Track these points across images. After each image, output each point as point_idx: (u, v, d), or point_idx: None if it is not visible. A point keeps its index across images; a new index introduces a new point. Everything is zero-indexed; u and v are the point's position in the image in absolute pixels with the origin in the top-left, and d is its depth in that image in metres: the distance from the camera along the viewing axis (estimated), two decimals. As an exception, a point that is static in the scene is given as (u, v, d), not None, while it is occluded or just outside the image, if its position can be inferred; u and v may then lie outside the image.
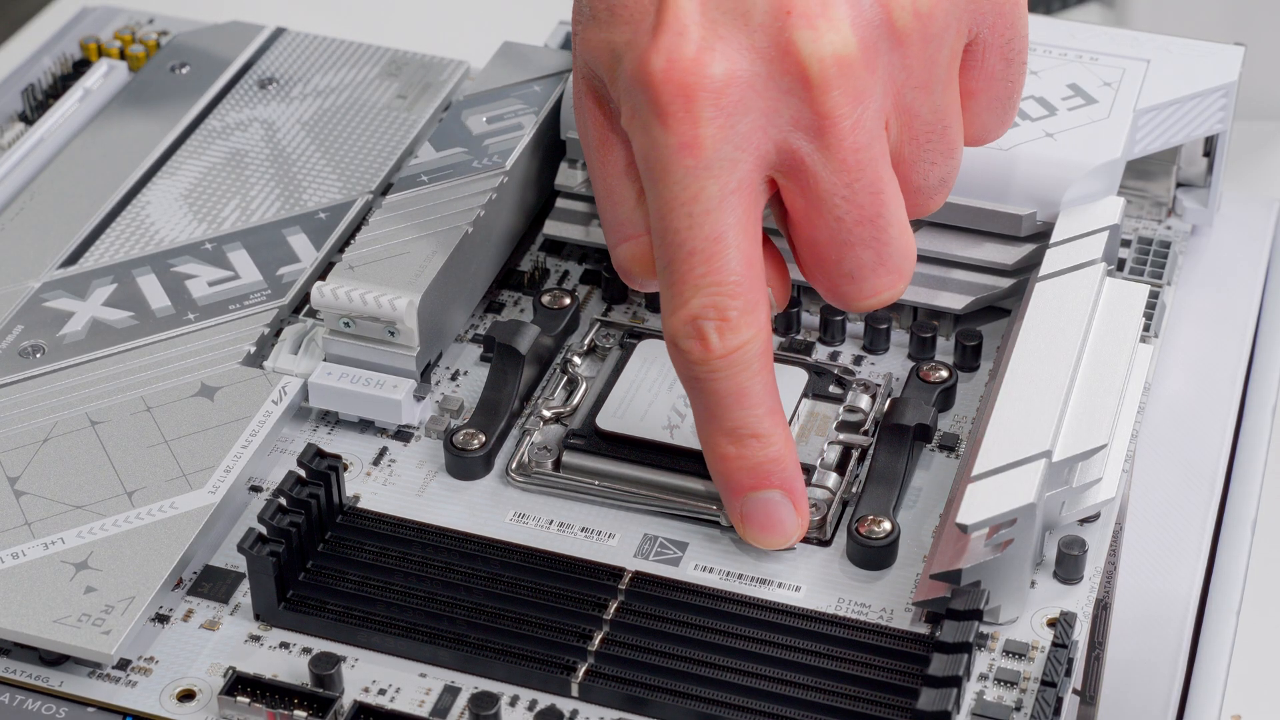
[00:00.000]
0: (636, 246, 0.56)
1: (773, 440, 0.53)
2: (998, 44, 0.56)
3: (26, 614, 0.51)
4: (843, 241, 0.53)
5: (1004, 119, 0.58)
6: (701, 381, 0.53)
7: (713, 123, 0.52)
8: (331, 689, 0.50)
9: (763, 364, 0.53)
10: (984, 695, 0.51)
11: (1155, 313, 0.62)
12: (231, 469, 0.55)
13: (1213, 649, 0.59)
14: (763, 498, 0.54)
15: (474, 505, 0.56)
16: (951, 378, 0.59)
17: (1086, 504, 0.54)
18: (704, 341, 0.52)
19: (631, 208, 0.56)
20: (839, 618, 0.52)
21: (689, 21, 0.52)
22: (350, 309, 0.58)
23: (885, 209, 0.53)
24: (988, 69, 0.56)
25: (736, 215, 0.52)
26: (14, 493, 0.55)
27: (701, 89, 0.52)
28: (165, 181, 0.66)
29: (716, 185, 0.52)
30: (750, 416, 0.53)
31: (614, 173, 0.56)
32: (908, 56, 0.53)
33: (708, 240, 0.52)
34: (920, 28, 0.53)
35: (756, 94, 0.52)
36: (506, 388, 0.58)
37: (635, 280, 0.56)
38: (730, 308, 0.52)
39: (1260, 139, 1.13)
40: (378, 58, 0.72)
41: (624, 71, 0.53)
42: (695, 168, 0.52)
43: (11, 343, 0.60)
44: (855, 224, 0.53)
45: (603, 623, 0.52)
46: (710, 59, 0.52)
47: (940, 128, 0.55)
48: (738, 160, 0.52)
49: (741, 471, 0.53)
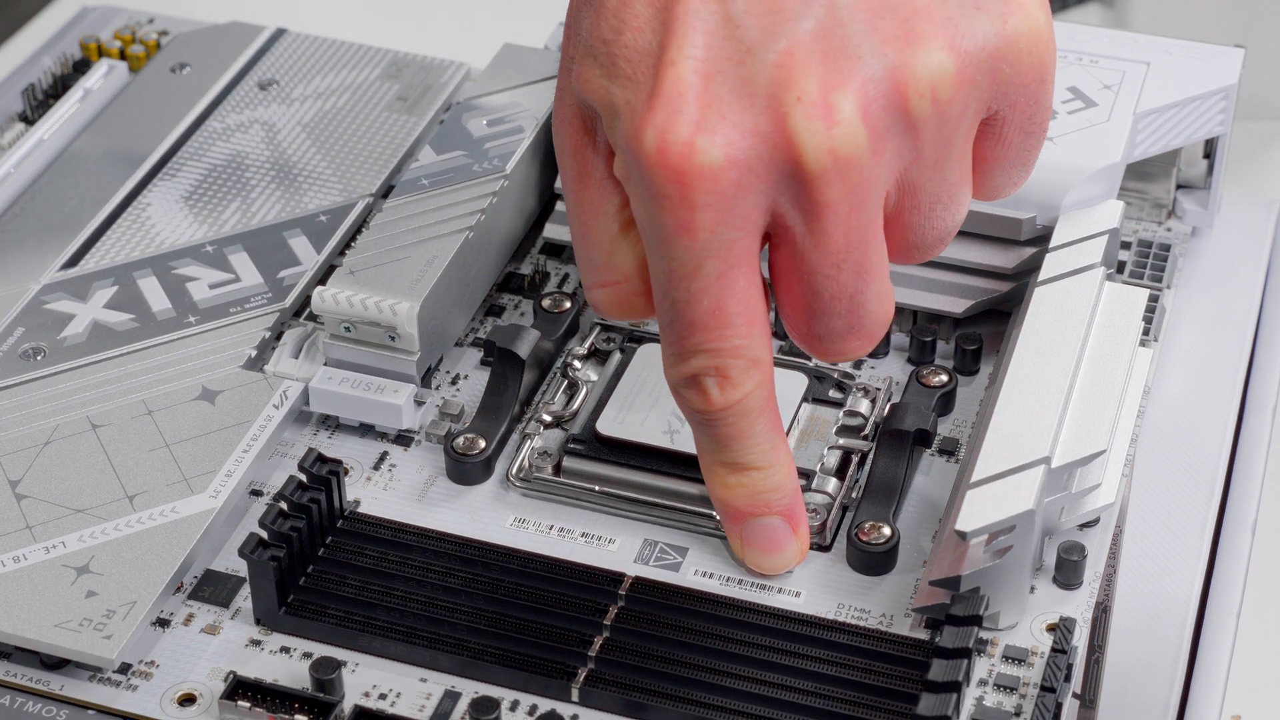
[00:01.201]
0: (614, 294, 0.54)
1: (774, 470, 0.53)
2: (1018, 120, 0.53)
3: (28, 618, 0.52)
4: (818, 311, 0.52)
5: (1017, 182, 0.55)
6: (703, 425, 0.53)
7: (709, 209, 0.49)
8: (332, 693, 0.50)
9: (764, 407, 0.52)
10: (983, 700, 0.51)
11: (1155, 316, 0.62)
12: (232, 473, 0.56)
13: (1213, 651, 0.59)
14: (763, 524, 0.54)
15: (474, 510, 0.56)
16: (951, 382, 0.59)
17: (1086, 509, 0.54)
18: (704, 395, 0.52)
19: (608, 253, 0.54)
20: (839, 623, 0.53)
21: (688, 95, 0.49)
22: (351, 314, 0.58)
23: (867, 288, 0.51)
24: (1005, 141, 0.53)
25: (738, 286, 0.51)
26: (15, 496, 0.55)
27: (698, 176, 0.49)
28: (166, 183, 0.66)
29: (715, 265, 0.50)
30: (751, 453, 0.53)
31: (591, 213, 0.54)
32: (920, 140, 0.51)
33: (707, 313, 0.51)
34: (937, 114, 0.50)
35: (755, 176, 0.50)
36: (507, 392, 0.58)
37: (611, 319, 0.56)
38: (731, 367, 0.51)
39: (1260, 140, 1.13)
40: (378, 59, 0.72)
41: (620, 133, 0.51)
42: (692, 248, 0.50)
43: (12, 345, 0.60)
44: (833, 299, 0.51)
45: (603, 628, 0.52)
46: (708, 143, 0.49)
47: (946, 199, 0.52)
48: (735, 241, 0.50)
49: (742, 500, 0.53)
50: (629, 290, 0.54)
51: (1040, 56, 0.52)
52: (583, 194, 0.53)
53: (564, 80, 0.54)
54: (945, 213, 0.53)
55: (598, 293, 0.54)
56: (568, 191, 0.54)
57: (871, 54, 0.50)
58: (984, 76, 0.51)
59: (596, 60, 0.51)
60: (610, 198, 0.53)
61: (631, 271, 0.54)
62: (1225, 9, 1.15)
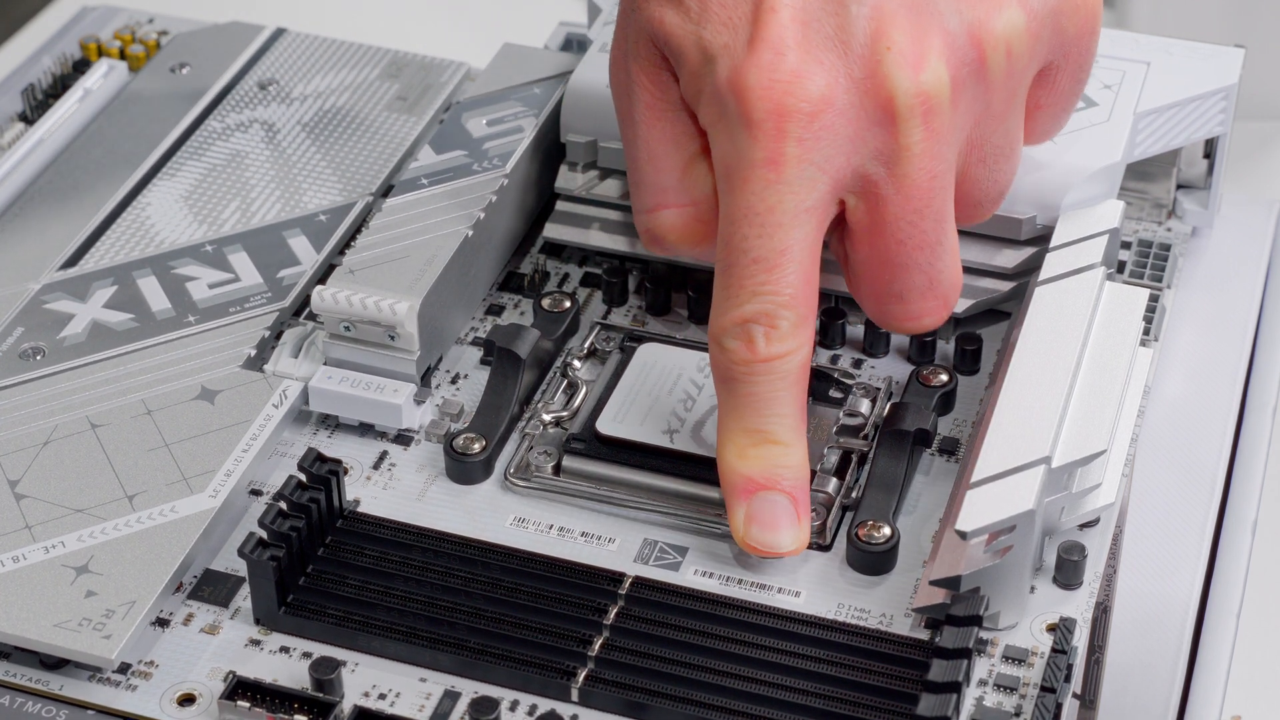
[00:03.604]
0: (677, 216, 0.57)
1: (792, 450, 0.54)
2: (1071, 69, 0.58)
3: (27, 618, 0.51)
4: (899, 264, 0.55)
5: (1060, 125, 0.60)
6: (737, 382, 0.54)
7: (800, 143, 0.53)
8: (332, 693, 0.50)
9: (799, 378, 0.54)
10: (983, 701, 0.51)
11: (1155, 316, 0.62)
12: (232, 473, 0.55)
13: (1213, 652, 0.59)
14: (770, 499, 0.54)
15: (474, 510, 0.56)
16: (951, 382, 0.59)
17: (1086, 509, 0.54)
18: (750, 344, 0.53)
19: (677, 177, 0.57)
20: (839, 623, 0.53)
21: (789, 41, 0.53)
22: (350, 313, 0.58)
23: (945, 237, 0.55)
24: (1058, 88, 0.58)
25: (805, 232, 0.53)
26: (14, 496, 0.55)
27: (796, 110, 0.53)
28: (165, 183, 0.66)
29: (793, 201, 0.53)
30: (774, 422, 0.54)
31: (662, 137, 0.57)
32: (991, 91, 0.55)
33: (774, 251, 0.53)
34: (1009, 67, 0.55)
35: (846, 121, 0.53)
36: (506, 392, 0.58)
37: (665, 247, 0.58)
38: (782, 317, 0.53)
39: (1260, 140, 1.13)
40: (378, 59, 0.72)
41: (716, 75, 0.54)
42: (775, 182, 0.53)
43: (11, 345, 0.60)
44: (915, 249, 0.55)
45: (603, 627, 0.52)
46: (808, 82, 0.53)
47: (1008, 150, 0.57)
48: (817, 181, 0.53)
49: (755, 471, 0.54)
50: (697, 214, 0.57)
51: (1093, 9, 0.57)
52: (656, 122, 0.57)
53: (624, 22, 0.58)
54: (1006, 164, 0.57)
55: (663, 215, 0.58)
56: (634, 121, 0.57)
57: (951, 11, 0.54)
58: (1048, 31, 0.56)
59: (679, 6, 0.55)
60: (686, 125, 0.57)
61: (703, 196, 0.57)
62: (1225, 9, 1.15)
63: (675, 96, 0.57)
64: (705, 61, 0.54)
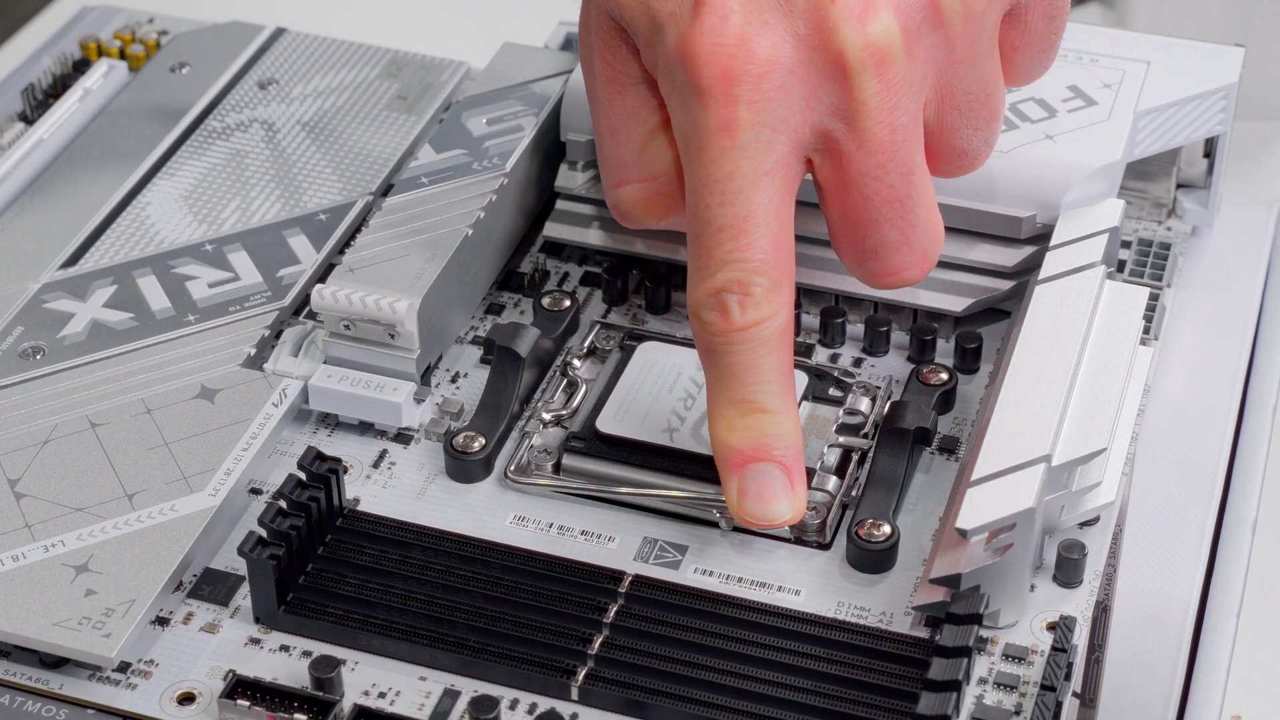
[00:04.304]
0: (640, 190, 0.57)
1: (780, 418, 0.53)
2: (1041, 6, 0.56)
3: (27, 616, 0.51)
4: (869, 219, 0.54)
5: (1045, 64, 0.58)
6: (717, 353, 0.53)
7: (751, 106, 0.52)
8: (331, 692, 0.50)
9: (780, 343, 0.53)
10: (983, 699, 0.51)
11: (1155, 315, 0.62)
12: (232, 472, 0.55)
13: (1213, 651, 0.59)
14: (761, 470, 0.53)
15: (474, 508, 0.56)
16: (951, 380, 0.59)
17: (1086, 508, 0.54)
18: (725, 314, 0.53)
19: (637, 151, 0.57)
20: (838, 621, 0.53)
21: (733, 4, 0.53)
22: (350, 312, 0.58)
23: (914, 190, 0.54)
24: (1031, 28, 0.57)
25: (769, 195, 0.53)
26: (14, 495, 0.55)
27: (743, 73, 0.52)
28: (165, 182, 0.66)
29: (751, 165, 0.52)
30: (760, 391, 0.53)
31: (622, 112, 0.56)
32: (951, 37, 0.54)
33: (738, 218, 0.53)
34: (964, 10, 0.54)
35: (797, 80, 0.53)
36: (506, 390, 0.58)
37: (633, 221, 0.58)
38: (754, 284, 0.53)
39: (1260, 139, 1.13)
40: (378, 58, 0.72)
41: (665, 45, 0.54)
42: (731, 148, 0.52)
43: (11, 344, 0.60)
44: (884, 203, 0.54)
45: (603, 626, 0.52)
46: (754, 45, 0.52)
47: (983, 96, 0.56)
48: (774, 143, 0.53)
49: (744, 441, 0.53)
50: (658, 188, 0.57)
51: None
52: (616, 97, 0.57)
53: None
54: (983, 110, 0.56)
55: (626, 190, 0.57)
56: (596, 97, 0.57)
57: None
58: None
59: None
60: (645, 99, 0.56)
61: (663, 169, 0.57)
62: (1225, 9, 1.15)
63: (635, 70, 0.56)
64: (655, 31, 0.54)
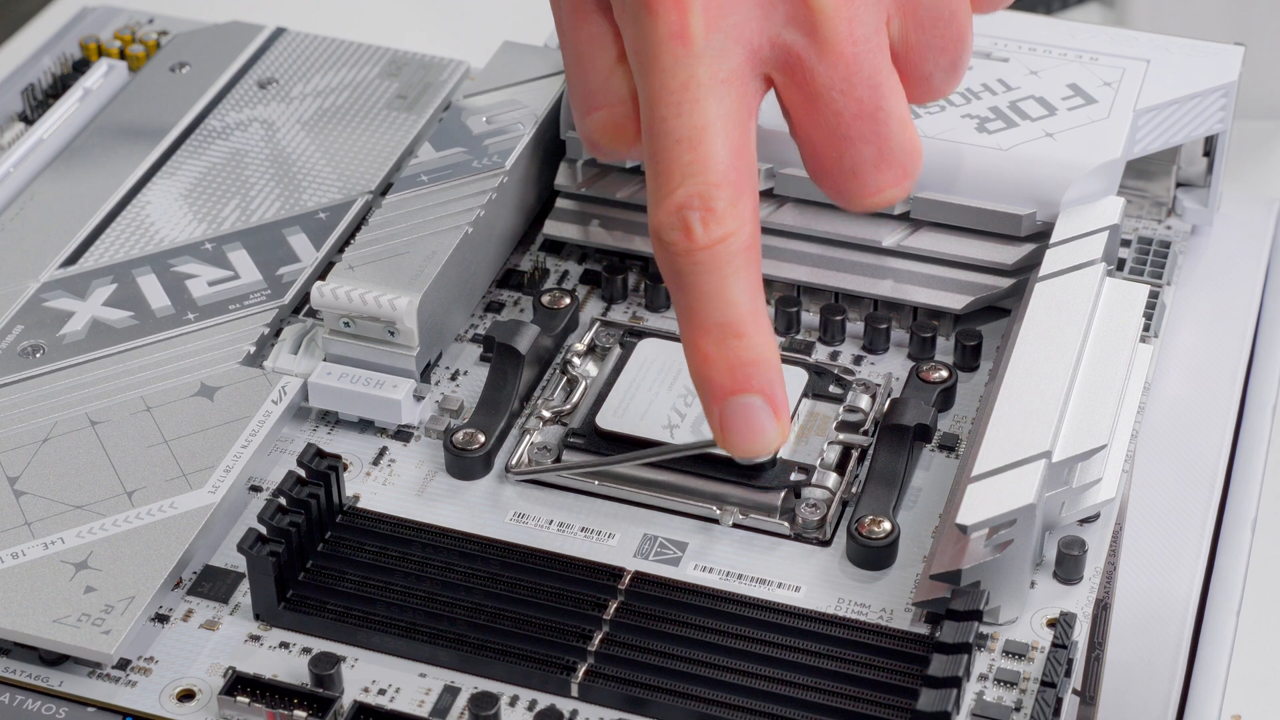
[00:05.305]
0: (607, 116, 0.55)
1: (754, 341, 0.51)
2: None
3: (26, 614, 0.51)
4: (842, 137, 0.53)
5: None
6: (683, 275, 0.51)
7: (703, 12, 0.51)
8: (331, 689, 0.50)
9: (747, 260, 0.51)
10: (984, 696, 0.51)
11: (1155, 313, 0.62)
12: (231, 469, 0.55)
13: (1213, 649, 0.59)
14: (742, 402, 0.51)
15: (474, 505, 0.56)
16: (951, 378, 0.59)
17: (1086, 504, 0.54)
18: (688, 232, 0.51)
19: (604, 77, 0.55)
20: (839, 618, 0.52)
21: None
22: (350, 309, 0.58)
23: (885, 102, 0.52)
24: None
25: (725, 105, 0.51)
26: (14, 492, 0.55)
27: None
28: (165, 181, 0.66)
29: (706, 73, 0.51)
30: (731, 313, 0.51)
31: (587, 40, 0.55)
32: None
33: (695, 129, 0.51)
34: None
35: None
36: (506, 387, 0.58)
37: (603, 151, 0.56)
38: (716, 198, 0.51)
39: (1260, 139, 1.13)
40: (378, 58, 0.72)
41: None
42: (684, 56, 0.51)
43: (11, 343, 0.60)
44: (854, 118, 0.52)
45: (602, 623, 0.52)
46: None
47: (946, 13, 0.54)
48: (728, 50, 0.51)
49: (721, 373, 0.51)
50: (623, 113, 0.55)
51: None
52: (580, 24, 0.55)
53: None
54: (947, 29, 0.54)
55: (591, 119, 0.56)
56: (563, 30, 0.56)
57: None
58: None
59: None
60: (606, 29, 0.55)
61: (627, 95, 0.55)
62: (1225, 7, 1.15)
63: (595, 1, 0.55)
64: None
